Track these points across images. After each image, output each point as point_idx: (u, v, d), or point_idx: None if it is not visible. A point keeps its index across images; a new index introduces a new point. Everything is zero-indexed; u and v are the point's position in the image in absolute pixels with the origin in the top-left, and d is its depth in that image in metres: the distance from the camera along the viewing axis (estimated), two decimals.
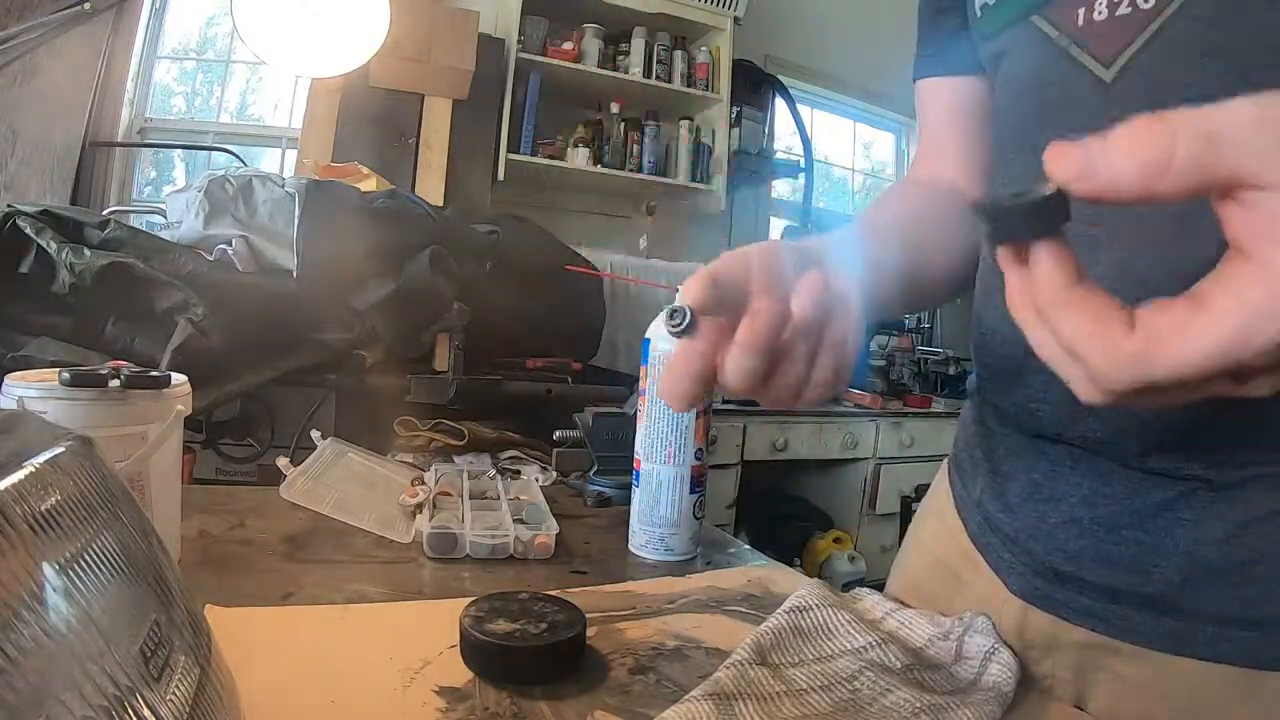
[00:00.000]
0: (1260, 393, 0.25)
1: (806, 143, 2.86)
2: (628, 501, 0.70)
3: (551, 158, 2.40)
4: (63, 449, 0.28)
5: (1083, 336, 0.25)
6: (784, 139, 2.97)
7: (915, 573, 0.59)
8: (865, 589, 0.56)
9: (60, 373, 0.48)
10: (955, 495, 0.56)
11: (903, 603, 0.54)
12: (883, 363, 2.89)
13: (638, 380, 0.70)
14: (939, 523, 0.58)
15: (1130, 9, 0.39)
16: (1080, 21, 0.42)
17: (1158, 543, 0.41)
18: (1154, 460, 0.41)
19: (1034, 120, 0.45)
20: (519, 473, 0.94)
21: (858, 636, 0.47)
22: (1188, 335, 0.23)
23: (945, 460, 0.62)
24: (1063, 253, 0.25)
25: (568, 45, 2.39)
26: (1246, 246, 0.23)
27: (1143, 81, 0.39)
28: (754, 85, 2.74)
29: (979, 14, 0.50)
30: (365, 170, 1.58)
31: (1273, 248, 0.22)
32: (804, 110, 2.91)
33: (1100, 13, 0.41)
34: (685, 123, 2.60)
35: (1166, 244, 0.38)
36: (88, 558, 0.26)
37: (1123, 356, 0.24)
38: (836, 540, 2.49)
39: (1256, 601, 0.39)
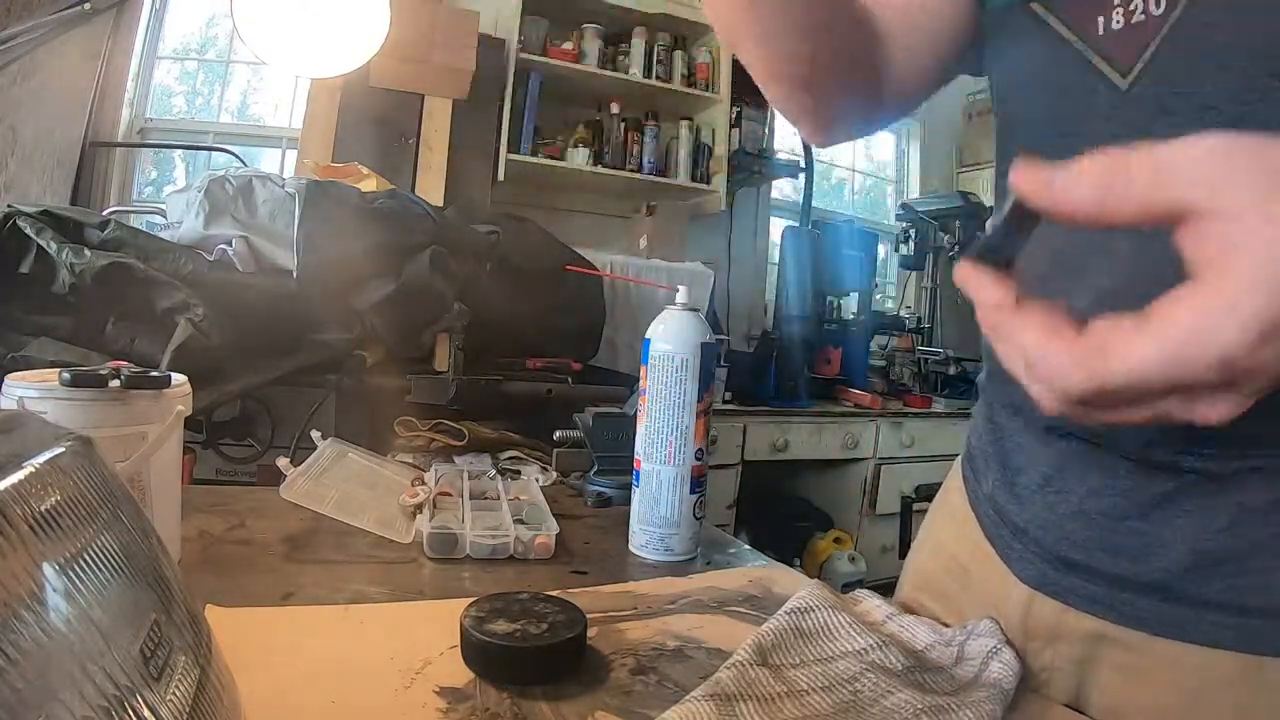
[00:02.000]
0: (1211, 419, 0.26)
1: (806, 143, 2.86)
2: (628, 501, 0.70)
3: (551, 158, 2.39)
4: (63, 449, 0.28)
5: (1035, 345, 0.27)
6: (784, 139, 2.97)
7: (929, 571, 0.60)
8: (865, 591, 0.56)
9: (60, 373, 0.48)
10: (969, 491, 0.57)
11: (907, 608, 0.54)
12: (883, 363, 2.89)
13: (638, 380, 0.70)
14: (952, 520, 0.58)
15: (1144, 16, 0.40)
16: (1100, 30, 0.42)
17: (1160, 533, 0.42)
18: (1156, 453, 0.42)
19: (1049, 125, 0.46)
20: (519, 473, 0.93)
21: (859, 638, 0.47)
22: (1133, 343, 0.25)
23: (958, 459, 0.62)
24: (1004, 277, 0.28)
25: (568, 45, 2.39)
26: (1196, 271, 0.25)
27: (1155, 89, 0.40)
28: (754, 85, 2.73)
29: None
30: (365, 170, 1.58)
31: (1218, 273, 0.24)
32: None
33: (1117, 21, 0.41)
34: (685, 123, 2.60)
35: (1144, 273, 0.39)
36: (88, 558, 0.26)
37: (1072, 360, 0.26)
38: (837, 540, 2.49)
39: (1257, 590, 0.39)
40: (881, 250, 3.34)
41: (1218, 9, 0.37)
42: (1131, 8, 0.40)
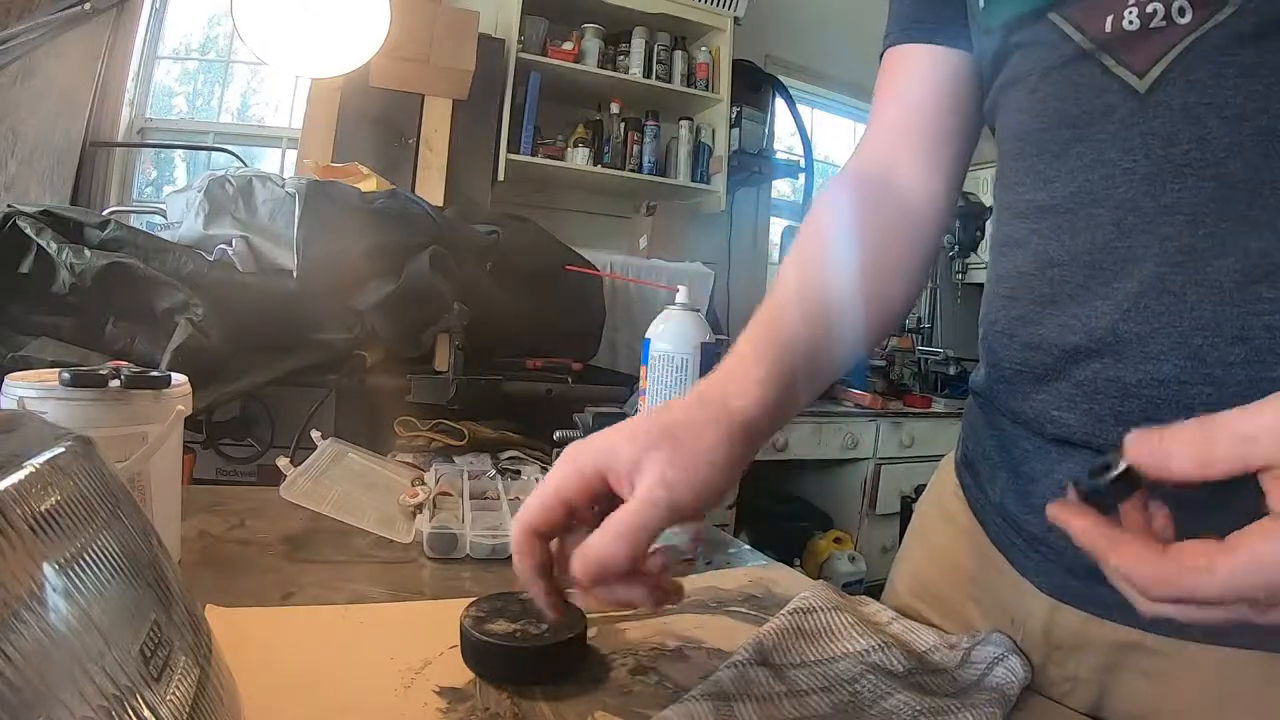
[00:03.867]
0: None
1: (806, 143, 2.86)
2: None
3: (551, 158, 2.39)
4: (63, 449, 0.28)
5: (1128, 568, 0.31)
6: (784, 139, 2.97)
7: (924, 573, 0.59)
8: (868, 597, 0.55)
9: (60, 373, 0.48)
10: (971, 498, 0.55)
11: (916, 613, 0.54)
12: (883, 363, 2.89)
13: (638, 380, 0.70)
14: (949, 523, 0.57)
15: (1165, 23, 0.39)
16: (1108, 28, 0.41)
17: (1185, 536, 0.41)
18: None
19: (1061, 126, 0.44)
20: (519, 473, 0.93)
21: (860, 639, 0.47)
22: (1212, 569, 0.29)
23: (945, 458, 0.61)
24: (1104, 520, 0.33)
25: (568, 45, 2.38)
26: (1275, 509, 0.28)
27: (1180, 96, 0.39)
28: (754, 85, 2.73)
29: (982, 5, 0.49)
30: (365, 170, 1.58)
31: None
32: (804, 110, 2.91)
33: (1131, 23, 0.40)
34: (685, 123, 2.60)
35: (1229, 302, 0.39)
36: (88, 558, 0.26)
37: (1159, 579, 0.30)
38: (837, 540, 2.49)
39: None
40: None
41: (1253, 20, 0.37)
42: (1149, 10, 0.39)
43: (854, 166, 0.56)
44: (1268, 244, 0.37)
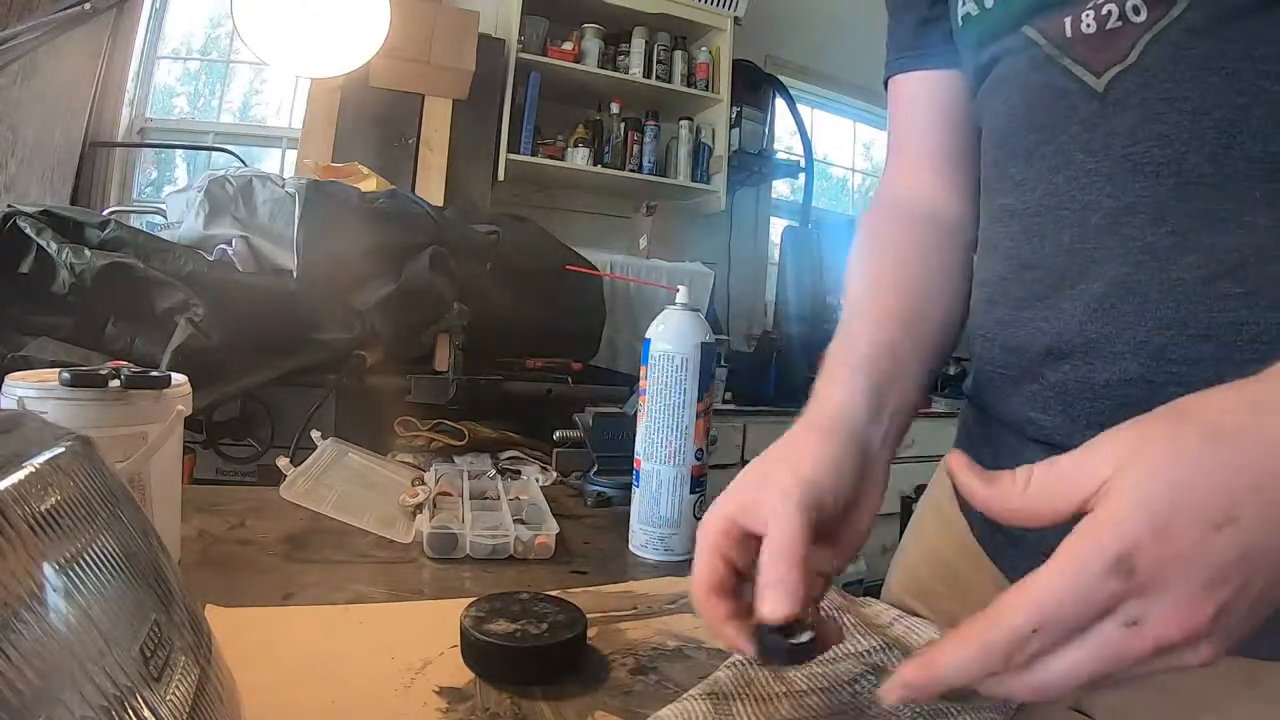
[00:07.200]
0: (1198, 662, 0.28)
1: (806, 143, 2.86)
2: (628, 501, 0.70)
3: (551, 158, 2.39)
4: (63, 449, 0.28)
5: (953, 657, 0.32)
6: (784, 139, 2.97)
7: (917, 570, 0.59)
8: (871, 598, 0.56)
9: (60, 373, 0.48)
10: (959, 495, 0.56)
11: (909, 609, 0.54)
12: None
13: (638, 380, 0.70)
14: (941, 521, 0.57)
15: (1121, 23, 0.39)
16: (1068, 32, 0.42)
17: None
18: None
19: (1026, 128, 0.45)
20: (519, 473, 0.93)
21: (862, 640, 0.47)
22: (1030, 581, 0.30)
23: (945, 458, 0.61)
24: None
25: (568, 45, 2.39)
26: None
27: (1138, 93, 0.39)
28: (754, 85, 2.73)
29: (960, 24, 0.49)
30: (365, 170, 1.58)
31: (1104, 505, 0.28)
32: (804, 110, 2.91)
33: (1088, 25, 0.40)
34: (685, 123, 2.60)
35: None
36: (88, 558, 0.26)
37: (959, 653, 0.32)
38: None
39: None
40: None
41: (1206, 15, 0.37)
42: (1105, 12, 0.39)
43: (885, 197, 0.58)
44: (1232, 239, 0.37)
